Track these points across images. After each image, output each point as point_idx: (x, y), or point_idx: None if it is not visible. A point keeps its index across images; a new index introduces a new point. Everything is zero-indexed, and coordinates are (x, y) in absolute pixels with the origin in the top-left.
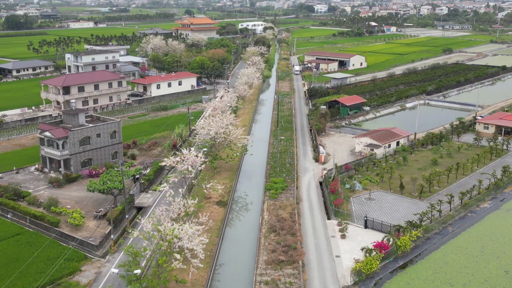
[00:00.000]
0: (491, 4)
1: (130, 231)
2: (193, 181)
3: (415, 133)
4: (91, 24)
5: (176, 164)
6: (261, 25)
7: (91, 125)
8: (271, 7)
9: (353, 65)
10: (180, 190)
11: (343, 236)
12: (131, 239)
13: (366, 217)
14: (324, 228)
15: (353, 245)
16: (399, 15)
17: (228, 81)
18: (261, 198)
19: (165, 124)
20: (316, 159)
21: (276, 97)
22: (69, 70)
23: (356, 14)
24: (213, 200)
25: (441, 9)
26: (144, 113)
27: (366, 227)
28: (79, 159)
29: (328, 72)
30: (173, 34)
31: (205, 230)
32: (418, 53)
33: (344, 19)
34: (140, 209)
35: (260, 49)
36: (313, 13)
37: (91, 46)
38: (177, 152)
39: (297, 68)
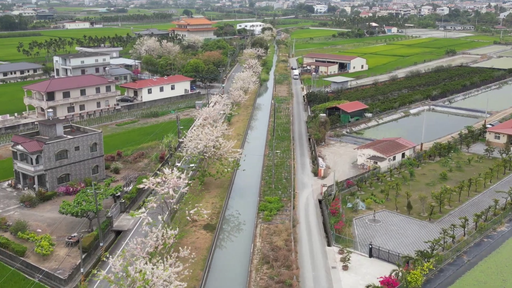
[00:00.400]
0: (492, 4)
1: (96, 272)
2: (175, 206)
3: (422, 144)
4: (87, 25)
5: (156, 186)
6: (260, 25)
7: (69, 136)
8: (271, 7)
9: (354, 67)
10: (159, 217)
11: (345, 267)
12: (97, 281)
13: (371, 244)
14: (323, 257)
15: (356, 279)
16: (399, 16)
17: (223, 85)
18: (254, 221)
19: (154, 132)
20: (315, 173)
21: (273, 103)
22: (58, 74)
23: (356, 15)
24: (200, 223)
25: (442, 9)
26: (133, 119)
27: (371, 255)
28: (55, 174)
29: (328, 75)
30: (170, 35)
31: (187, 261)
32: (420, 55)
33: (344, 20)
34: (119, 233)
35: (258, 51)
36: (312, 14)
37: (82, 48)
38: (158, 172)
39: (296, 72)
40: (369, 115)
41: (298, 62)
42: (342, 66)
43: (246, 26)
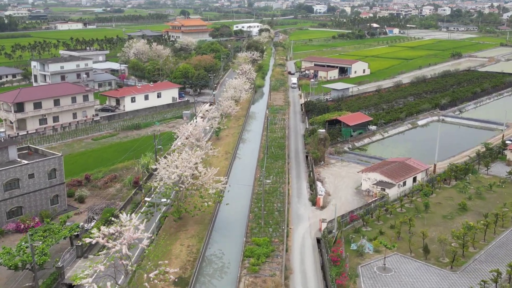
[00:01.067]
0: (495, 4)
1: None
2: (131, 267)
3: (435, 165)
4: (80, 26)
5: (107, 242)
6: (257, 26)
7: (23, 161)
8: (270, 7)
9: (355, 72)
10: (108, 284)
11: None
12: None
13: None
14: None
15: None
16: (400, 16)
17: (214, 92)
18: (237, 272)
19: (131, 149)
20: (313, 202)
21: (268, 114)
22: (36, 80)
23: (357, 15)
24: (171, 276)
25: (444, 10)
26: (113, 133)
27: None
28: (4, 208)
29: (328, 81)
30: (163, 37)
31: None
32: (424, 58)
33: (344, 20)
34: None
35: (253, 54)
36: (312, 14)
37: (66, 52)
38: (114, 219)
39: (293, 80)
40: (373, 128)
41: (296, 65)
42: (343, 71)
43: (243, 27)
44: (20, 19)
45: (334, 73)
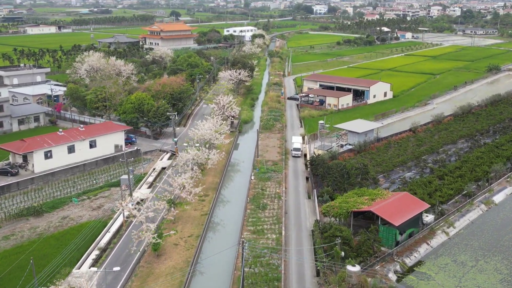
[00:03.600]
0: (508, 4)
1: None
2: None
3: None
4: (53, 30)
5: None
6: (251, 30)
7: None
8: (267, 7)
9: (374, 96)
10: None
11: None
12: None
13: None
14: None
15: None
16: (407, 17)
17: (176, 139)
18: None
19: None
20: None
21: (253, 179)
22: None
23: (360, 16)
24: None
25: (454, 10)
26: None
27: None
28: None
29: (340, 111)
30: (141, 44)
31: None
32: (454, 73)
33: (349, 23)
34: None
35: (239, 74)
36: (312, 15)
37: None
38: None
39: (297, 144)
40: (430, 218)
41: (296, 84)
42: (357, 94)
43: (234, 31)
44: None
45: (347, 99)
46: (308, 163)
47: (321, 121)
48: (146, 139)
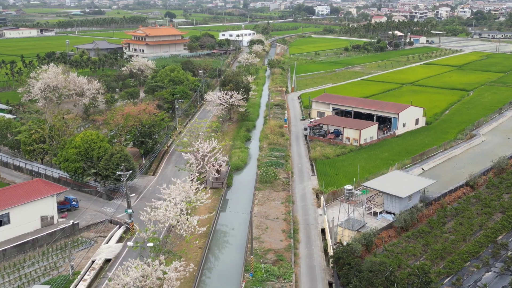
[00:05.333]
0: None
1: None
2: None
3: None
4: (34, 33)
5: None
6: (248, 34)
7: None
8: (266, 8)
9: (404, 125)
10: None
11: None
12: None
13: None
14: None
15: None
16: (415, 19)
17: (130, 211)
18: None
19: None
20: None
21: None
22: None
23: (366, 18)
24: None
25: (464, 11)
26: None
27: None
28: None
29: (362, 147)
30: (124, 49)
31: None
32: (489, 88)
33: (355, 26)
34: None
35: (231, 97)
36: (313, 16)
37: None
38: None
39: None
40: None
41: (303, 104)
42: (382, 121)
43: (230, 35)
44: None
45: (371, 131)
46: (331, 260)
47: (348, 186)
48: (97, 199)
